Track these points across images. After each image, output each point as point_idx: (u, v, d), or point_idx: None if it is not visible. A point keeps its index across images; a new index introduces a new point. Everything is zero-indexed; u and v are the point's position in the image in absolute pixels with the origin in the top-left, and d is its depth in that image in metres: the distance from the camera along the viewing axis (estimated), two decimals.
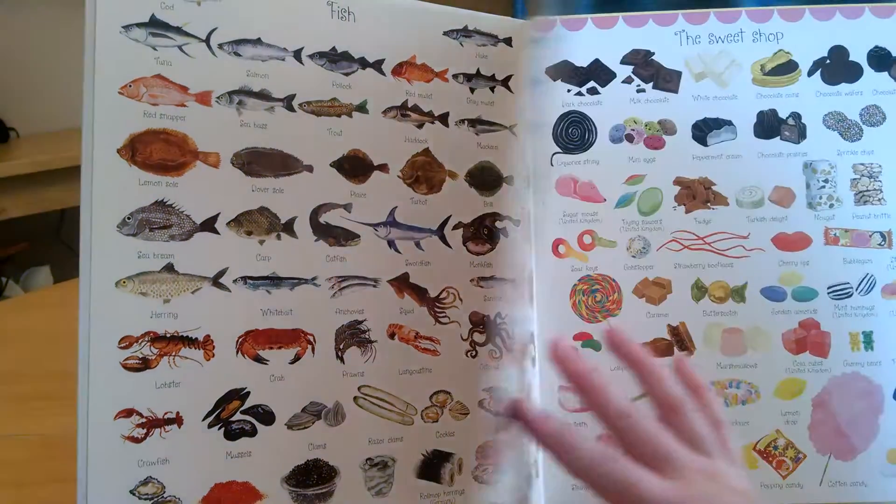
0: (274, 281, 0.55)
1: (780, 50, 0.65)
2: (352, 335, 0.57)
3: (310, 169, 0.57)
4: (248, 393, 0.54)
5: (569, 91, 0.66)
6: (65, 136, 2.22)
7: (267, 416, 0.54)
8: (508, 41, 0.65)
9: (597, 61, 0.66)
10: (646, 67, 0.65)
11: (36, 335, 0.92)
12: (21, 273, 2.27)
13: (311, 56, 0.57)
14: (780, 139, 0.64)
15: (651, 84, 0.65)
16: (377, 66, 0.60)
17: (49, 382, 0.79)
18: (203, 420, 0.53)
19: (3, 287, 2.16)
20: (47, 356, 0.84)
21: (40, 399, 0.77)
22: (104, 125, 0.51)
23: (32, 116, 2.31)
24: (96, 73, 0.51)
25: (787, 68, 0.65)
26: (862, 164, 0.63)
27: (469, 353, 0.61)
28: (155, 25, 0.52)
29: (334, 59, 0.58)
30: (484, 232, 0.62)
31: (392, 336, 0.58)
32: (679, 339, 0.62)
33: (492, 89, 0.64)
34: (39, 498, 0.64)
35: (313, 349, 0.56)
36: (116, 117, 0.51)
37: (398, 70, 0.61)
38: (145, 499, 0.50)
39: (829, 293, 0.62)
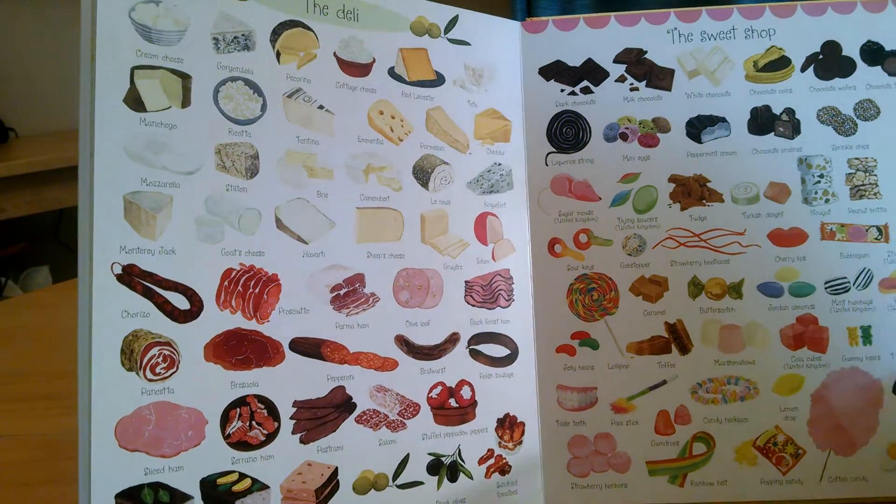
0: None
1: (773, 46, 0.65)
2: None
3: None
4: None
5: (562, 91, 0.66)
6: (64, 136, 2.23)
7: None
8: None
9: (590, 60, 0.66)
10: (639, 66, 0.66)
11: (35, 335, 0.92)
12: (20, 273, 2.27)
13: None
14: (775, 135, 0.64)
15: (644, 82, 0.65)
16: None
17: (49, 382, 0.79)
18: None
19: (2, 287, 2.17)
20: (47, 356, 0.84)
21: (40, 399, 0.77)
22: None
23: (32, 116, 2.33)
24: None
25: (779, 64, 0.65)
26: (857, 159, 0.63)
27: None
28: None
29: None
30: None
31: None
32: (677, 337, 0.62)
33: None
34: (39, 498, 0.64)
35: None
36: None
37: None
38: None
39: (826, 288, 0.62)
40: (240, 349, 0.53)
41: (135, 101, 0.52)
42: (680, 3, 0.67)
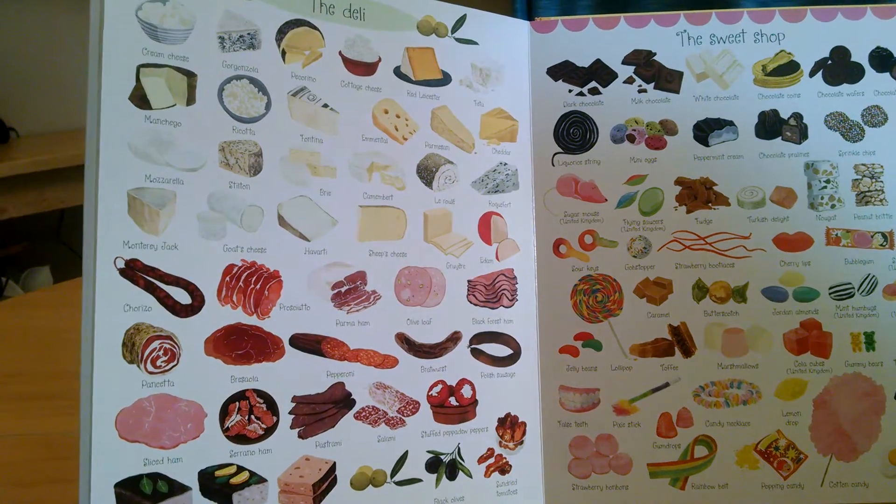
0: None
1: (782, 50, 0.65)
2: None
3: None
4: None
5: (570, 91, 0.66)
6: (65, 136, 2.23)
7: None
8: None
9: (598, 61, 0.66)
10: (647, 68, 0.65)
11: (36, 335, 0.92)
12: (21, 273, 2.28)
13: None
14: (782, 139, 0.64)
15: (652, 84, 0.65)
16: None
17: (49, 382, 0.79)
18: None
19: (3, 287, 2.17)
20: (47, 356, 0.84)
21: (40, 399, 0.77)
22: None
23: (32, 116, 2.33)
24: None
25: (788, 69, 0.65)
26: (863, 165, 0.63)
27: None
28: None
29: None
30: None
31: None
32: (680, 340, 0.62)
33: None
34: (39, 497, 0.64)
35: None
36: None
37: None
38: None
39: (830, 293, 0.62)
40: (240, 344, 0.53)
41: (140, 98, 0.52)
42: (682, 4, 0.67)
